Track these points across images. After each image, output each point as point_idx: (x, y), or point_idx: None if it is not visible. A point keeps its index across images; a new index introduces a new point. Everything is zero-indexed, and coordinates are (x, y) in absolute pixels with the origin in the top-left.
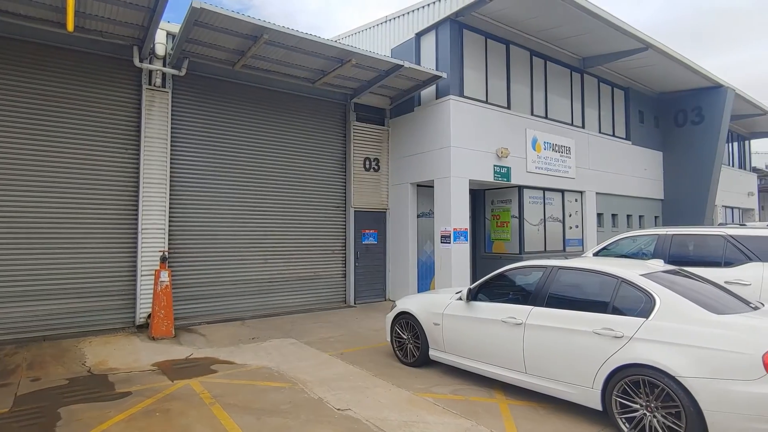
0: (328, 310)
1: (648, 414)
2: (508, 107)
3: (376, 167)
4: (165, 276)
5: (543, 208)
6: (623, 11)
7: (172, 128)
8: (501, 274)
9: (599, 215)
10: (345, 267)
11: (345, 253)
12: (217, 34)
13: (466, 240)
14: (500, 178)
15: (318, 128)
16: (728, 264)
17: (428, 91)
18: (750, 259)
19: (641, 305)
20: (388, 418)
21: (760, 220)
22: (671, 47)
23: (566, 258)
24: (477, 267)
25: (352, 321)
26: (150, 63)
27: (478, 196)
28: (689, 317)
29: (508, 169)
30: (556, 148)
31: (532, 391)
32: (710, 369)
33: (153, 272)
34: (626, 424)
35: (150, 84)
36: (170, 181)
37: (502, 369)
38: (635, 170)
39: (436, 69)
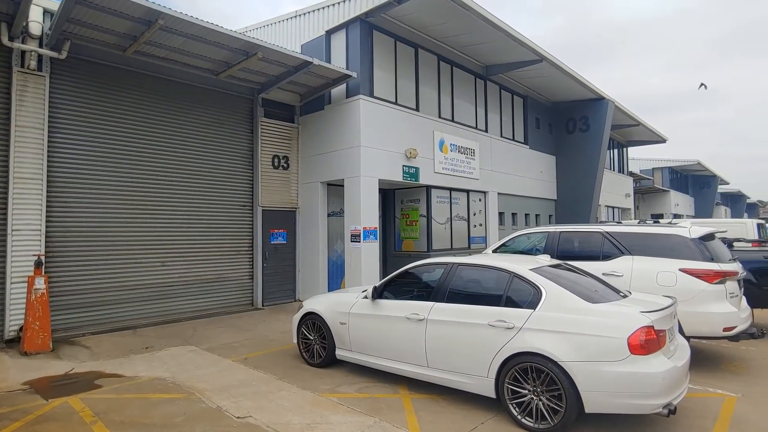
0: (234, 313)
1: (535, 398)
2: (417, 109)
3: (285, 165)
4: (40, 283)
5: (449, 208)
6: (525, 25)
7: (50, 117)
8: (405, 272)
9: (501, 214)
10: (252, 268)
11: (252, 254)
12: (104, 15)
13: (376, 239)
14: (409, 178)
15: (223, 123)
16: (606, 257)
17: (339, 90)
18: (623, 253)
19: (530, 297)
20: (291, 421)
21: (634, 219)
22: (563, 61)
23: (470, 255)
24: (388, 265)
25: (259, 324)
26: (23, 43)
27: (389, 195)
28: (569, 307)
29: (417, 169)
30: (462, 150)
31: (435, 385)
32: (586, 353)
33: (26, 279)
34: (516, 409)
35: (23, 67)
36: (48, 176)
37: (406, 365)
38: (532, 172)
39: (347, 68)
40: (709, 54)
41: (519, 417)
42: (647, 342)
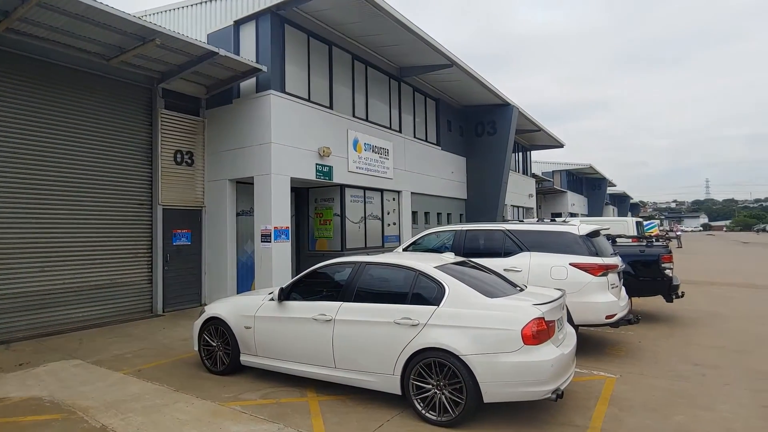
0: (129, 321)
1: (438, 392)
2: (331, 107)
3: (189, 161)
4: None
5: (364, 207)
6: (441, 31)
7: None
8: (313, 272)
9: (414, 213)
10: (152, 271)
11: (151, 256)
12: None
13: (288, 238)
14: (322, 177)
15: (117, 113)
16: (507, 254)
17: (248, 84)
18: (522, 250)
19: (434, 294)
20: None
21: (536, 217)
22: (472, 67)
23: (383, 253)
24: (301, 266)
25: (157, 332)
26: None
27: (302, 194)
28: (469, 302)
29: (330, 168)
30: (376, 150)
31: (343, 385)
32: (485, 346)
33: None
34: (420, 404)
35: None
36: None
37: (313, 367)
38: (444, 173)
39: (257, 61)
40: (599, 70)
41: (423, 412)
42: (538, 332)
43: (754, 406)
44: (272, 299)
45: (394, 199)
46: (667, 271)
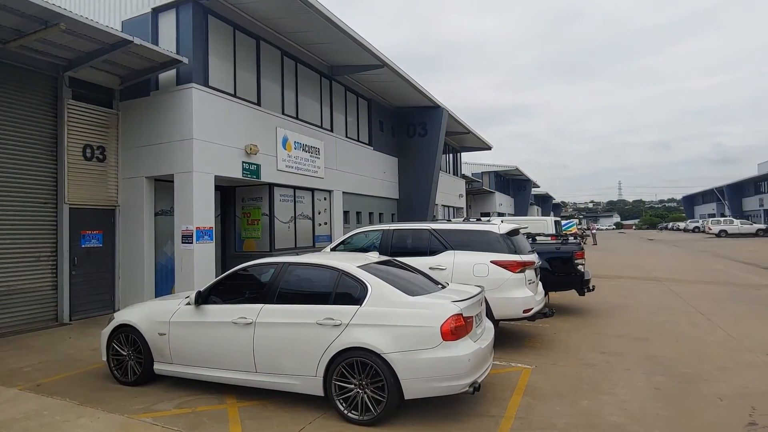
0: (31, 332)
1: (360, 391)
2: (259, 104)
3: (101, 157)
4: None
5: (294, 206)
6: (375, 33)
7: None
8: (234, 274)
9: (346, 213)
10: (56, 276)
11: (56, 260)
12: None
13: (212, 239)
14: (250, 176)
15: (15, 102)
16: (432, 253)
17: (168, 76)
18: (446, 248)
19: (357, 294)
20: None
21: (467, 217)
22: (404, 69)
23: (309, 253)
24: (227, 267)
25: (62, 342)
26: None
27: (228, 193)
28: (391, 301)
29: (258, 166)
30: (307, 149)
31: (265, 390)
32: (406, 343)
33: None
34: (343, 404)
35: None
36: None
37: (233, 372)
38: (376, 173)
39: (178, 52)
40: (525, 77)
41: (345, 412)
42: (456, 328)
43: (648, 389)
44: (189, 303)
45: (325, 199)
46: (580, 267)
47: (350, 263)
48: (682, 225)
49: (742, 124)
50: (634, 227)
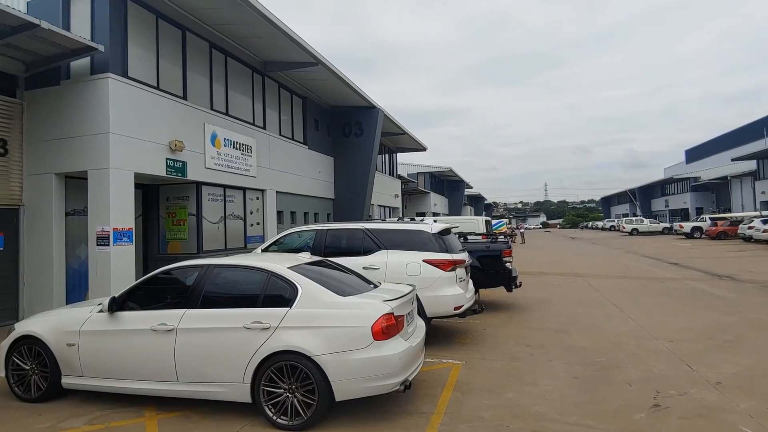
0: None
1: (290, 395)
2: (185, 98)
3: (2, 151)
4: None
5: (224, 206)
6: (312, 32)
7: None
8: (154, 278)
9: (280, 213)
10: None
11: None
12: None
13: (131, 241)
14: (175, 173)
15: None
16: (366, 252)
17: (81, 64)
18: (380, 248)
19: (287, 295)
20: None
21: (403, 216)
22: (339, 68)
23: (238, 255)
24: (150, 271)
25: None
26: None
27: (151, 192)
28: (322, 302)
29: (184, 163)
30: (238, 146)
31: (188, 400)
32: (337, 344)
33: None
34: (271, 410)
35: None
36: None
37: (152, 383)
38: (311, 172)
39: (92, 39)
40: (458, 80)
41: (274, 417)
42: (387, 328)
43: (567, 378)
44: (102, 311)
45: (258, 198)
46: (508, 264)
47: (280, 264)
48: (600, 224)
49: (651, 132)
50: (558, 226)
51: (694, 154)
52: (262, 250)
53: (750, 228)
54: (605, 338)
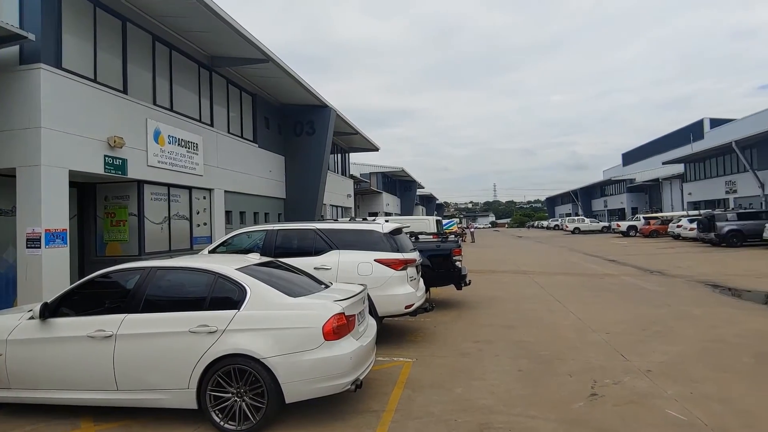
0: None
1: (238, 400)
2: (125, 92)
3: None
4: None
5: (168, 206)
6: (266, 28)
7: None
8: (90, 282)
9: (228, 213)
10: None
11: None
12: None
13: (65, 243)
14: (114, 171)
15: None
16: (318, 252)
17: (9, 53)
18: (332, 248)
19: (235, 297)
20: None
21: (355, 216)
22: (290, 66)
23: (188, 256)
24: (86, 275)
25: None
26: None
27: (88, 190)
28: (272, 303)
29: (124, 161)
30: (183, 144)
31: (129, 409)
32: (287, 346)
33: None
34: (218, 415)
35: None
36: None
37: (89, 393)
38: (262, 171)
39: (21, 27)
40: (411, 82)
41: (222, 423)
42: (339, 328)
43: (513, 372)
44: (33, 317)
45: (205, 198)
46: (457, 263)
47: (228, 265)
48: (545, 223)
49: (592, 136)
50: (507, 226)
51: (630, 158)
52: (209, 252)
53: (678, 227)
54: (548, 332)
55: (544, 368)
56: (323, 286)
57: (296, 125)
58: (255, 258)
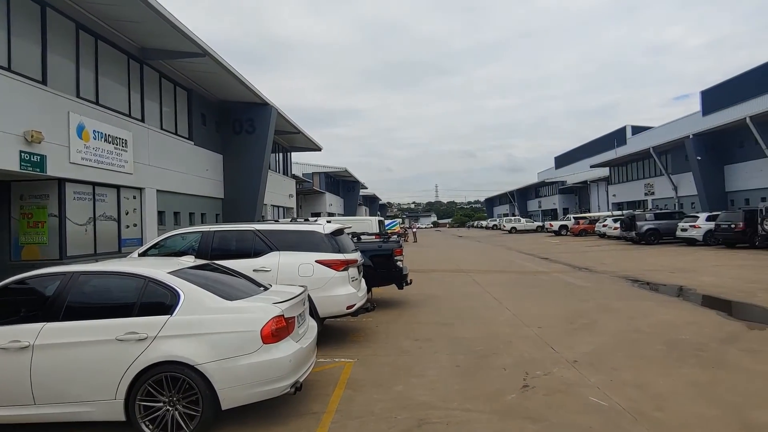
0: None
1: (171, 409)
2: (44, 82)
3: None
4: None
5: (93, 206)
6: (203, 20)
7: None
8: (4, 288)
9: (161, 213)
10: None
11: None
12: None
13: None
14: (31, 168)
15: None
16: (257, 254)
17: None
18: (272, 250)
19: (168, 302)
20: None
21: (298, 217)
22: (229, 61)
23: (115, 260)
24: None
25: None
26: None
27: (1, 189)
28: (208, 307)
29: (43, 157)
30: (110, 140)
31: (48, 424)
32: (223, 351)
33: None
34: (149, 426)
35: None
36: None
37: (2, 409)
38: (198, 170)
39: None
40: (354, 82)
41: None
42: (278, 330)
43: (451, 368)
44: None
45: (135, 198)
46: (399, 263)
47: (159, 269)
48: (484, 223)
49: (528, 140)
50: (448, 225)
51: (562, 161)
52: (140, 254)
53: (604, 226)
54: (485, 328)
55: (481, 363)
56: (262, 288)
57: (235, 123)
58: (189, 261)
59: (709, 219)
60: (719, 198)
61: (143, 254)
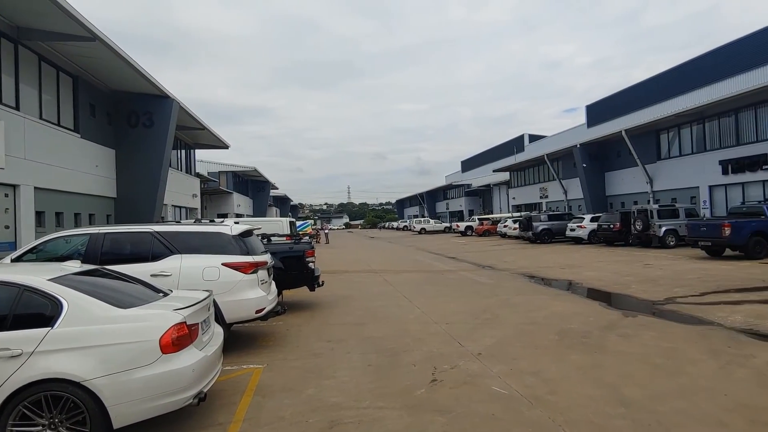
0: None
1: (51, 431)
2: None
3: None
4: None
5: None
6: (95, 3)
7: None
8: None
9: (40, 214)
10: None
11: None
12: None
13: None
14: None
15: None
16: (155, 258)
17: None
18: (173, 253)
19: (48, 313)
20: None
21: (202, 218)
22: (123, 48)
23: None
24: None
25: None
26: None
27: None
28: (95, 317)
29: None
30: None
31: None
32: (115, 364)
33: None
34: None
35: None
36: None
37: None
38: (85, 166)
39: None
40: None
41: None
42: (179, 339)
43: (363, 367)
44: None
45: (7, 196)
46: (311, 264)
47: (37, 276)
48: (395, 224)
49: (436, 144)
50: (360, 227)
51: (468, 165)
52: (12, 260)
53: (505, 227)
54: (396, 326)
55: (392, 361)
56: (161, 294)
57: (131, 115)
58: (75, 266)
59: (592, 220)
60: (601, 201)
61: (17, 260)
